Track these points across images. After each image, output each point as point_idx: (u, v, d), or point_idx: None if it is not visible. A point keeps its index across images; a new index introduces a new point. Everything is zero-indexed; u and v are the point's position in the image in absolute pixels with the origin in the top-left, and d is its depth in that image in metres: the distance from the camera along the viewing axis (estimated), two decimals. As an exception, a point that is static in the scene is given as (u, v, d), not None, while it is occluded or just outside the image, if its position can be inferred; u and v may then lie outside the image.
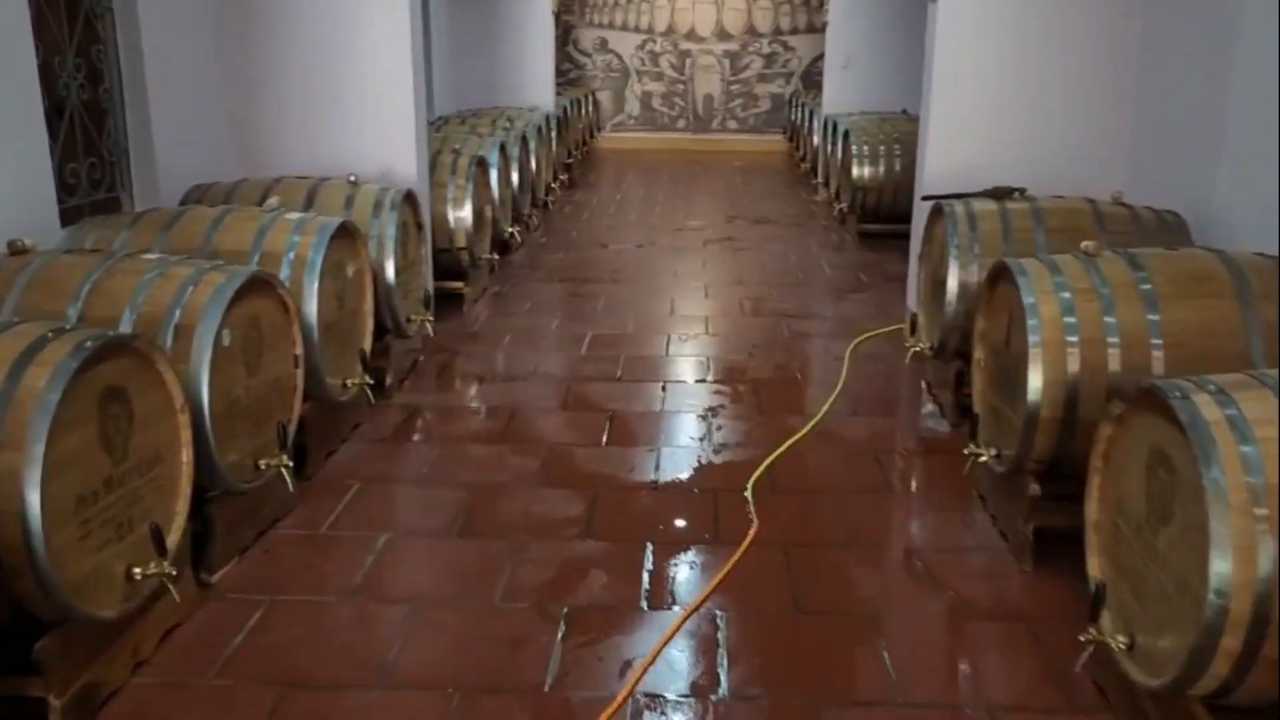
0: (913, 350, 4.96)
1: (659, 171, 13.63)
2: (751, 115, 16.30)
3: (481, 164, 6.77)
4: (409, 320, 5.14)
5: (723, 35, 16.02)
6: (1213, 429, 2.12)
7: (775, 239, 8.97)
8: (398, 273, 4.93)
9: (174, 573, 2.77)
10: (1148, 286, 3.22)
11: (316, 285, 3.89)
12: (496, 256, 6.94)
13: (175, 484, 2.94)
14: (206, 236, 3.97)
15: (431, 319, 5.32)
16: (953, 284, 4.46)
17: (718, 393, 5.07)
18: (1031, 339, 3.24)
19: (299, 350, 3.71)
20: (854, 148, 8.77)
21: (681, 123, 16.41)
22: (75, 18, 4.62)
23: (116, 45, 4.90)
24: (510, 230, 7.71)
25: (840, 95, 10.87)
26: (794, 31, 15.92)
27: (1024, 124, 5.44)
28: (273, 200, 4.21)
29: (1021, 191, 4.71)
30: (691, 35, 16.08)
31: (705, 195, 11.63)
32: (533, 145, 8.85)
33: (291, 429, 3.67)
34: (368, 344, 4.51)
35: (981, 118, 5.48)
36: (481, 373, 5.41)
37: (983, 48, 5.42)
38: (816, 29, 15.73)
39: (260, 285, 3.45)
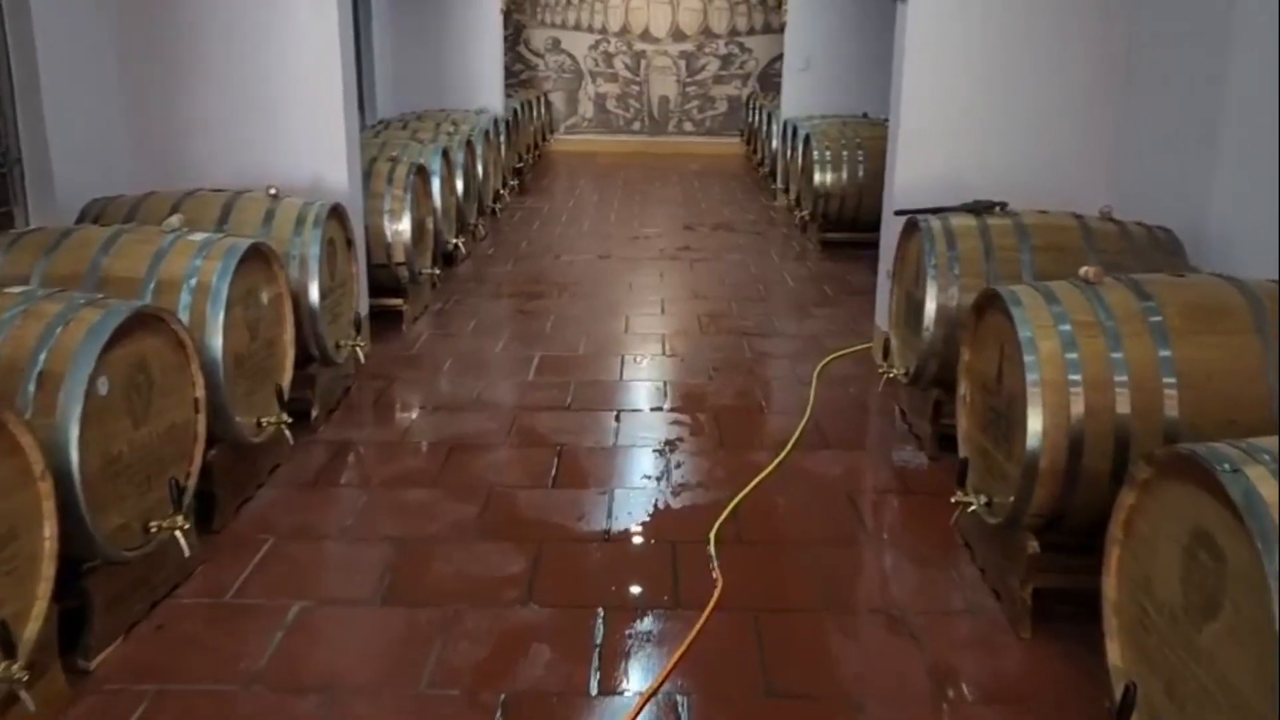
0: (886, 375, 4.60)
1: (614, 176, 13.23)
2: (708, 118, 15.95)
3: (422, 172, 6.32)
4: (338, 346, 4.69)
5: (678, 36, 15.65)
6: (1274, 513, 1.75)
7: (735, 248, 8.60)
8: (324, 295, 4.47)
9: (24, 677, 2.31)
10: (1157, 319, 2.88)
11: (222, 317, 3.43)
12: (439, 271, 6.49)
13: (35, 565, 2.47)
14: (94, 262, 3.49)
15: (364, 344, 4.87)
16: (930, 308, 4.11)
17: (676, 422, 4.67)
18: (1029, 378, 2.87)
19: (200, 393, 3.25)
20: (815, 153, 8.43)
21: (637, 125, 16.02)
22: (-48, 13, 4.11)
23: (6, 45, 4.40)
24: (454, 241, 7.26)
25: (799, 98, 10.54)
26: (751, 32, 15.59)
27: (1001, 131, 5.11)
28: (174, 220, 3.73)
29: (1002, 206, 4.37)
30: (646, 35, 15.69)
31: (662, 201, 11.24)
32: (479, 150, 8.40)
33: (190, 483, 3.21)
34: (287, 378, 4.05)
35: (955, 124, 5.14)
36: (418, 402, 4.96)
37: (956, 49, 5.08)
38: (774, 29, 15.42)
39: (148, 321, 2.99)
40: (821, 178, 8.36)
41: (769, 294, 7.11)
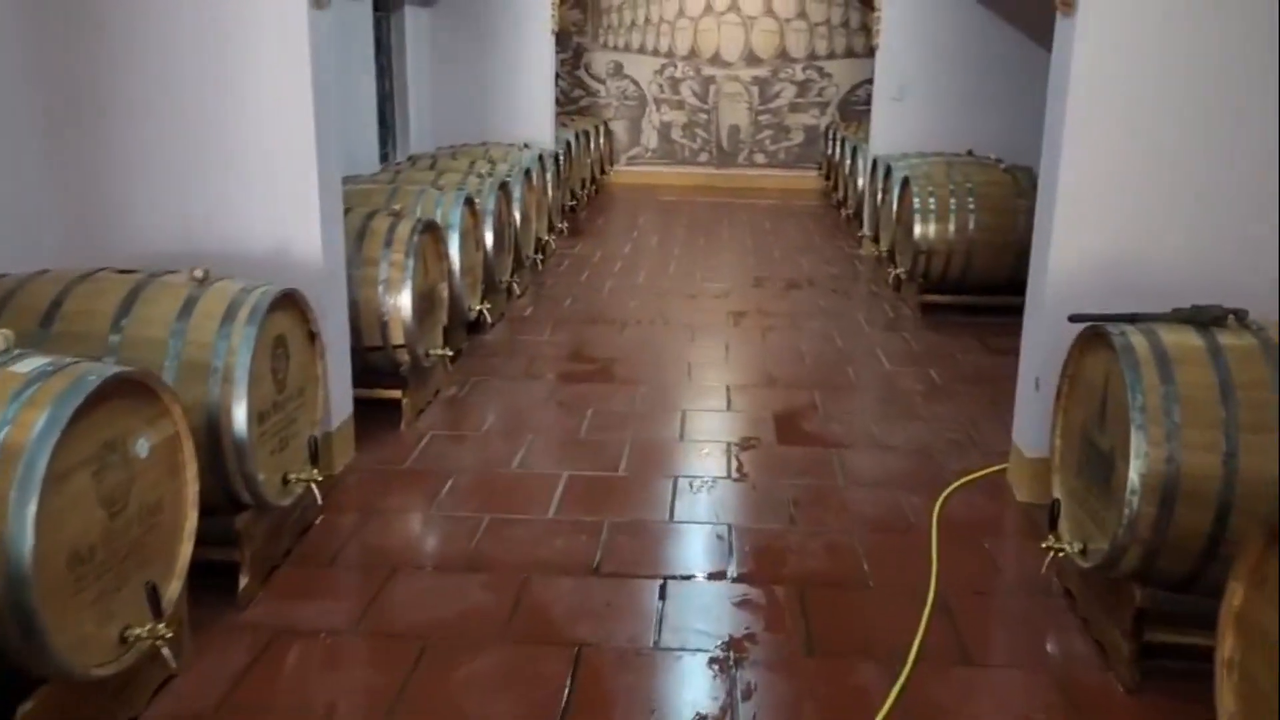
0: (1053, 552, 3.20)
1: (677, 214, 11.95)
2: (782, 149, 14.59)
3: (432, 229, 5.09)
4: (286, 482, 3.45)
5: (751, 60, 14.35)
6: None
7: (815, 312, 7.23)
8: (261, 417, 3.24)
9: None
10: None
11: (33, 510, 2.19)
12: (450, 352, 5.24)
13: None
14: None
15: (319, 478, 3.60)
16: (1136, 472, 2.71)
17: (744, 602, 3.33)
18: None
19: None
20: (916, 200, 7.03)
21: (704, 156, 14.73)
22: None
23: None
24: (479, 308, 6.02)
25: (891, 131, 9.15)
26: (831, 56, 14.22)
27: (1205, 193, 3.70)
28: (4, 333, 2.52)
29: (1239, 316, 2.95)
30: (716, 60, 14.42)
31: (729, 246, 9.91)
32: (517, 193, 7.17)
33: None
34: (178, 566, 2.80)
35: (1138, 182, 3.75)
36: (394, 556, 3.67)
37: (1144, 80, 3.69)
38: (857, 54, 14.05)
39: None
40: (924, 230, 6.96)
41: (860, 380, 5.73)
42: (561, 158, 10.16)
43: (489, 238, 6.35)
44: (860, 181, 9.86)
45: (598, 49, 14.60)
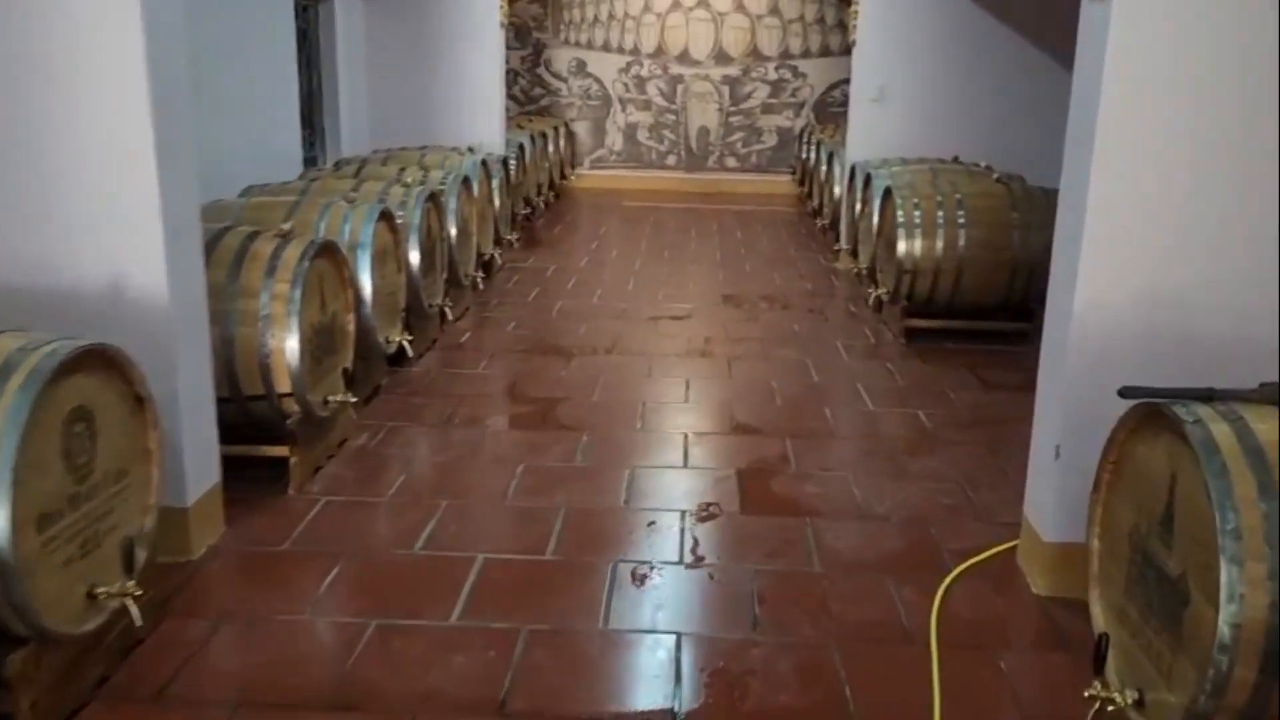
0: (1099, 702, 2.43)
1: (641, 221, 11.16)
2: (754, 152, 13.85)
3: (329, 252, 4.27)
4: (93, 597, 2.63)
5: (721, 58, 13.58)
6: None
7: (788, 337, 6.46)
8: (44, 520, 2.43)
9: None
10: None
11: None
12: (353, 398, 4.42)
13: None
14: None
15: (136, 592, 2.77)
16: (1228, 624, 1.95)
17: (694, 754, 2.54)
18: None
19: None
20: (900, 212, 6.27)
21: (672, 159, 13.96)
22: None
23: None
24: (398, 340, 5.20)
25: (870, 135, 8.40)
26: (806, 55, 13.48)
27: (1275, 215, 2.96)
28: None
29: (1357, 394, 2.19)
30: (684, 58, 13.65)
31: (697, 257, 9.14)
32: (451, 204, 6.35)
33: None
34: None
35: (1188, 202, 3.00)
36: (239, 689, 2.82)
37: (1194, 71, 2.93)
38: (834, 52, 13.33)
39: None
40: (908, 246, 6.21)
41: (839, 425, 4.96)
42: (514, 162, 9.35)
43: (414, 257, 5.53)
44: (837, 189, 9.11)
45: (559, 45, 13.79)
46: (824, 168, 10.21)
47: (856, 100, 8.46)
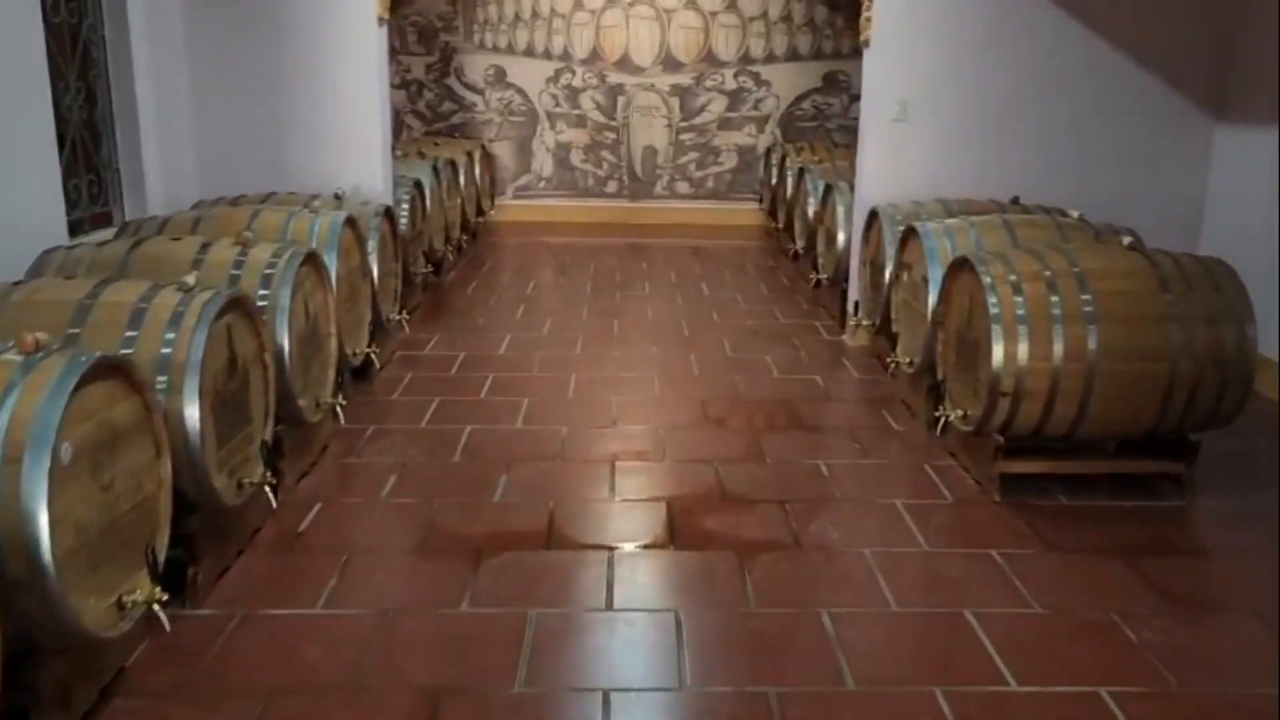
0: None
1: (579, 270, 8.82)
2: (710, 175, 11.59)
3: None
4: None
5: (669, 64, 11.30)
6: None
7: (818, 494, 4.18)
8: None
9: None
10: None
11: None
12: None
13: None
14: None
15: None
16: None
17: None
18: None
19: None
20: (991, 299, 4.02)
21: (612, 186, 11.63)
22: None
23: None
24: (138, 597, 2.78)
25: (887, 167, 6.19)
26: (770, 59, 11.27)
27: None
28: None
29: None
30: (625, 64, 11.35)
31: (657, 332, 6.83)
32: (282, 303, 3.94)
33: None
34: None
35: None
36: None
37: None
38: (802, 56, 11.17)
39: None
40: (1008, 353, 3.96)
41: (980, 740, 2.68)
42: (411, 205, 6.94)
43: (191, 416, 3.12)
44: (840, 236, 6.86)
45: (473, 50, 11.38)
46: (812, 202, 7.96)
47: (872, 121, 6.22)
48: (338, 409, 4.52)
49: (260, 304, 3.92)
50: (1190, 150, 6.18)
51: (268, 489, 3.60)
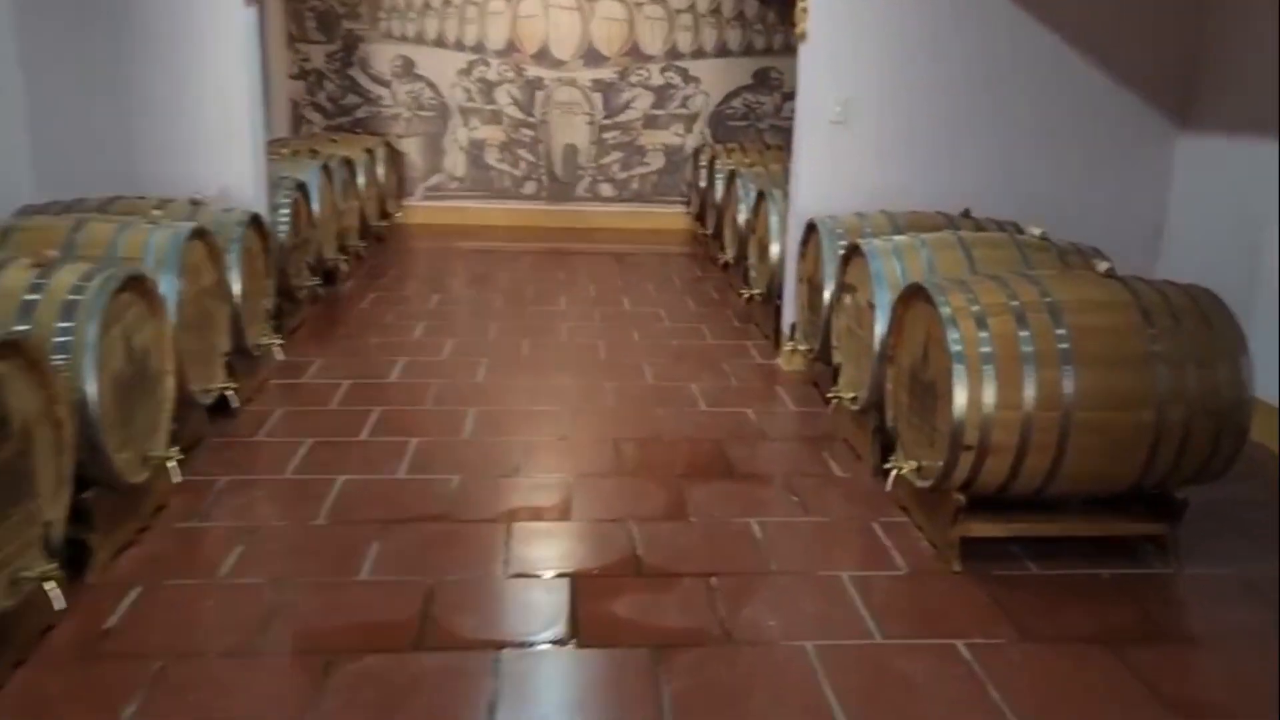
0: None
1: (491, 280, 8.08)
2: (635, 177, 10.92)
3: None
4: None
5: (591, 58, 10.60)
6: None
7: (758, 567, 3.53)
8: None
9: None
10: None
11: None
12: None
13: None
14: None
15: None
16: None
17: None
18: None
19: None
20: (950, 336, 3.41)
21: (530, 187, 10.89)
22: None
23: None
24: None
25: (825, 172, 5.58)
26: (699, 54, 10.63)
27: None
28: None
29: None
30: (544, 57, 10.61)
31: (570, 356, 6.13)
32: (88, 339, 3.15)
33: None
34: None
35: None
36: None
37: None
38: (733, 51, 10.56)
39: None
40: (972, 400, 3.36)
41: None
42: (293, 210, 6.14)
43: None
44: (774, 249, 6.24)
45: (378, 39, 10.53)
46: (744, 209, 7.34)
47: (809, 123, 5.60)
48: (171, 464, 3.72)
49: (60, 341, 3.13)
50: (1152, 158, 5.68)
51: (49, 585, 2.81)
